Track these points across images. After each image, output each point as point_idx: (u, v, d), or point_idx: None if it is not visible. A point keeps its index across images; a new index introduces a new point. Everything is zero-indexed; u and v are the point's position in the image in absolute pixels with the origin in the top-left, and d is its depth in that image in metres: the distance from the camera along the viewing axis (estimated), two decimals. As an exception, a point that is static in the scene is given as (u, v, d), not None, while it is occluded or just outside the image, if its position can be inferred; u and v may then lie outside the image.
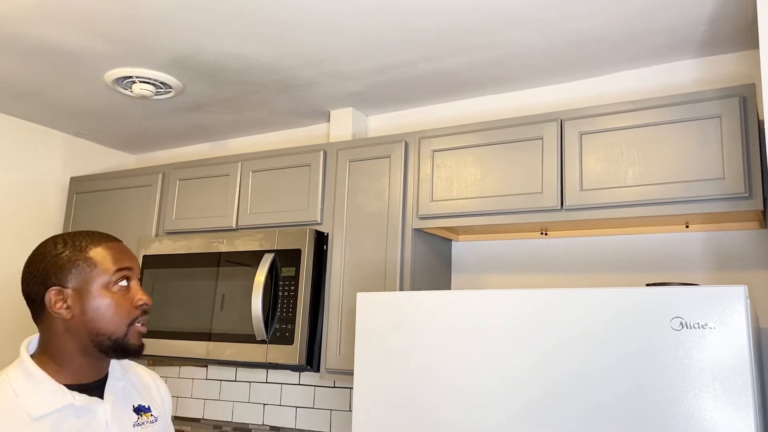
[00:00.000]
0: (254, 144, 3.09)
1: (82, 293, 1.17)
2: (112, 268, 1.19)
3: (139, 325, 1.22)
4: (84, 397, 1.18)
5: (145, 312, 1.23)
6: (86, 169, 3.24)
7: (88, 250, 1.19)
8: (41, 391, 1.14)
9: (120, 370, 1.28)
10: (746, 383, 1.29)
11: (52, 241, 1.22)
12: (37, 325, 1.22)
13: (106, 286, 1.18)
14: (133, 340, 1.21)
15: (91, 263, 1.18)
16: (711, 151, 1.80)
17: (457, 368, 1.59)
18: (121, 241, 1.27)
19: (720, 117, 1.80)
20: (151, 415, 1.32)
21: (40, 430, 1.12)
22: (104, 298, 1.18)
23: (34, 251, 1.22)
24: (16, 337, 2.86)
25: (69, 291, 1.17)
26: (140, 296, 1.22)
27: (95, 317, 1.17)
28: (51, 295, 1.17)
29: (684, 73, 2.18)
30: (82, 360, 1.20)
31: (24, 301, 2.91)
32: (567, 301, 1.49)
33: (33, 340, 1.23)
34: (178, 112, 2.80)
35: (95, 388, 1.22)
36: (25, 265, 1.21)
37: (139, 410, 1.29)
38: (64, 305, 1.17)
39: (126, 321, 1.19)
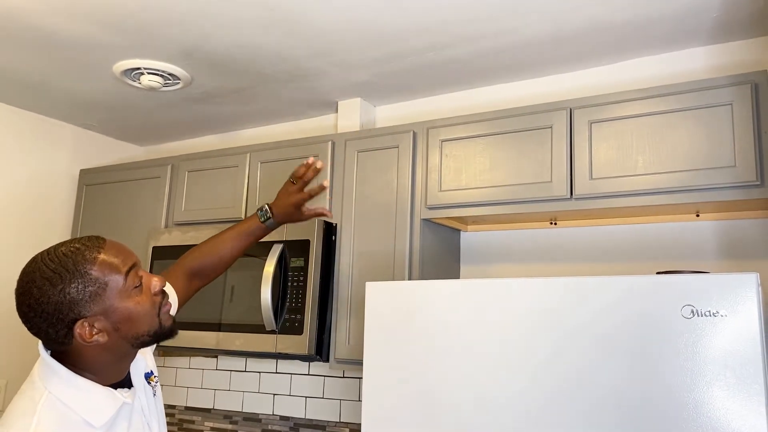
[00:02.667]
0: (263, 135, 3.09)
1: (107, 313, 1.10)
2: (121, 276, 1.12)
3: (167, 307, 1.20)
4: (129, 392, 1.19)
5: (164, 294, 1.20)
6: (95, 161, 3.25)
7: (89, 272, 1.09)
8: (94, 399, 1.11)
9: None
10: (758, 371, 1.28)
11: (41, 276, 1.08)
12: (58, 352, 1.13)
13: (126, 294, 1.12)
14: (167, 324, 1.20)
15: (101, 283, 1.09)
16: (722, 138, 1.78)
17: (466, 357, 1.59)
18: (106, 240, 1.17)
19: (731, 104, 1.78)
20: (154, 376, 1.32)
21: None
22: (129, 306, 1.12)
23: (25, 290, 1.08)
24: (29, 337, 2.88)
25: (94, 317, 1.09)
26: (153, 283, 1.19)
27: (130, 326, 1.13)
28: (79, 330, 1.08)
29: (695, 61, 2.16)
30: (120, 364, 1.18)
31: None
32: (577, 289, 1.48)
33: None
34: (187, 103, 2.81)
35: (126, 379, 1.23)
36: (22, 307, 1.08)
37: (147, 378, 1.29)
38: (96, 332, 1.10)
39: (154, 312, 1.17)
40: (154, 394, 1.29)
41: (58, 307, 1.06)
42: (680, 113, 1.85)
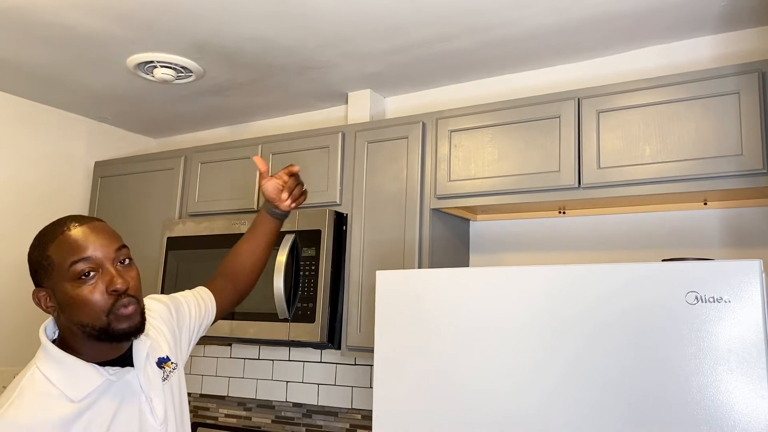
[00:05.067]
0: (274, 127, 3.12)
1: (54, 292, 1.14)
2: (65, 264, 1.12)
3: (122, 310, 1.14)
4: (116, 369, 1.19)
5: (120, 295, 1.14)
6: (110, 154, 3.30)
7: (47, 247, 1.14)
8: (75, 375, 1.14)
9: (143, 334, 1.24)
10: (761, 355, 1.31)
11: (35, 237, 1.18)
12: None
13: (69, 282, 1.13)
14: (119, 325, 1.14)
15: (50, 262, 1.13)
16: (729, 127, 1.80)
17: (476, 343, 1.62)
18: (95, 221, 1.18)
19: (738, 93, 1.79)
20: (171, 362, 1.32)
21: (82, 412, 1.13)
22: (70, 295, 1.12)
23: None
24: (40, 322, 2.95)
25: (47, 290, 1.15)
26: (111, 281, 1.14)
27: (72, 312, 1.14)
28: (36, 296, 1.16)
29: (702, 50, 2.17)
30: (96, 345, 1.17)
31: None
32: (584, 277, 1.51)
33: (48, 324, 1.22)
34: (199, 95, 2.85)
35: (126, 358, 1.23)
36: None
37: (161, 363, 1.30)
38: (49, 303, 1.15)
39: (102, 311, 1.13)
40: (165, 379, 1.28)
41: (30, 267, 1.18)
42: (687, 102, 1.86)
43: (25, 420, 1.08)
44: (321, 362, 2.73)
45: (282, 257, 2.31)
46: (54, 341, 1.19)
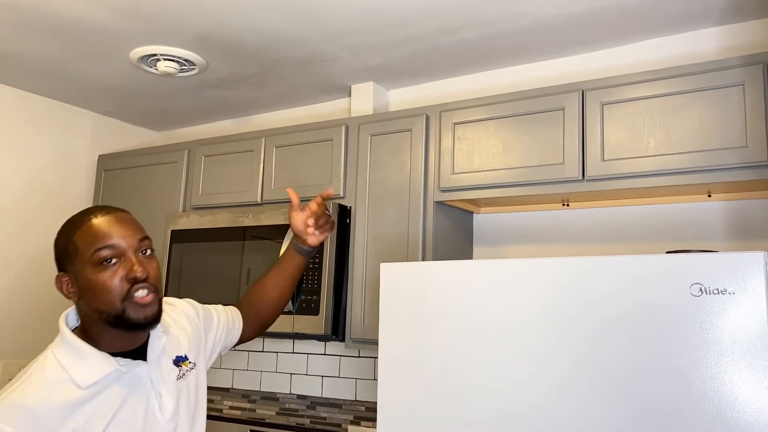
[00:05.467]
0: (277, 120, 3.12)
1: (76, 277, 1.18)
2: (89, 251, 1.17)
3: (138, 296, 1.17)
4: (127, 361, 1.21)
5: (138, 282, 1.18)
6: (113, 147, 3.31)
7: (73, 234, 1.19)
8: (86, 362, 1.17)
9: (161, 327, 1.28)
10: (765, 346, 1.31)
11: (63, 225, 1.23)
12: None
13: (91, 267, 1.17)
14: (133, 314, 1.17)
15: (74, 247, 1.18)
16: (733, 119, 1.79)
17: (479, 335, 1.63)
18: (120, 211, 1.23)
19: (743, 85, 1.79)
20: (189, 362, 1.34)
21: (87, 399, 1.14)
22: (91, 280, 1.16)
23: None
24: (51, 315, 2.96)
25: (70, 275, 1.19)
26: (131, 269, 1.18)
27: (90, 298, 1.17)
28: (58, 280, 1.21)
29: (706, 42, 2.16)
30: (113, 332, 1.20)
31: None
32: (588, 269, 1.51)
33: (69, 313, 1.25)
34: (202, 89, 2.85)
35: (139, 351, 1.25)
36: None
37: (178, 361, 1.31)
38: (71, 288, 1.19)
39: (118, 297, 1.16)
40: (179, 378, 1.30)
41: (56, 253, 1.23)
42: (692, 94, 1.86)
43: (28, 401, 1.11)
44: (325, 354, 2.74)
45: (286, 250, 2.32)
46: (75, 330, 1.23)
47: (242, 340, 1.62)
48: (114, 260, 1.17)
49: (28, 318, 2.90)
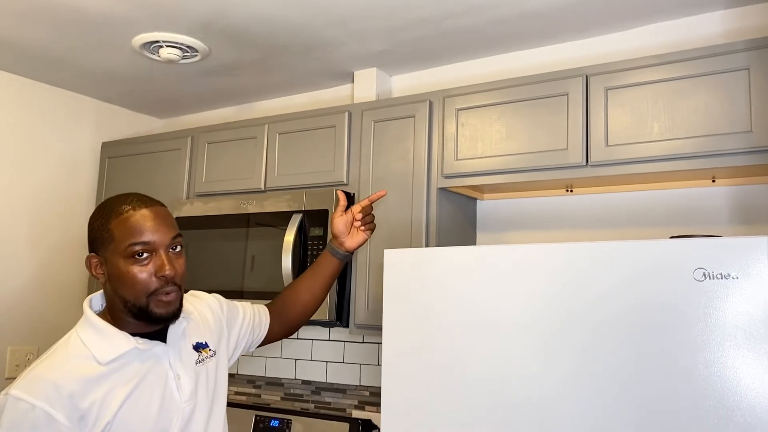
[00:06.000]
0: (280, 106, 3.12)
1: (107, 262, 1.24)
2: (124, 243, 1.22)
3: (163, 296, 1.23)
4: (146, 341, 1.27)
5: (168, 282, 1.23)
6: (117, 134, 3.31)
7: (110, 221, 1.24)
8: (107, 339, 1.24)
9: (182, 314, 1.32)
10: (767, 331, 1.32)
11: (99, 206, 1.29)
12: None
13: (123, 258, 1.22)
14: (156, 309, 1.23)
15: (110, 235, 1.23)
16: (739, 104, 1.78)
17: (483, 321, 1.63)
18: (157, 206, 1.27)
19: (748, 69, 1.78)
20: (210, 349, 1.40)
21: (107, 375, 1.21)
22: (121, 270, 1.22)
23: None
24: (57, 302, 2.98)
25: (101, 258, 1.25)
26: (161, 267, 1.23)
27: (118, 286, 1.23)
28: (89, 260, 1.27)
29: (712, 25, 2.14)
30: (137, 319, 1.26)
31: (64, 264, 3.02)
32: (591, 254, 1.51)
33: (94, 297, 1.32)
34: (205, 75, 2.84)
35: (160, 333, 1.31)
36: None
37: (198, 347, 1.37)
38: (99, 270, 1.26)
39: (144, 292, 1.22)
40: (199, 362, 1.34)
41: (90, 233, 1.28)
42: (696, 79, 1.85)
43: (51, 375, 1.17)
44: (329, 340, 2.76)
45: (290, 237, 2.32)
46: (99, 313, 1.30)
47: (268, 339, 1.67)
48: (146, 255, 1.23)
49: (35, 305, 2.91)
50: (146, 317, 1.24)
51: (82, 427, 1.16)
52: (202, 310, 1.45)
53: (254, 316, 1.62)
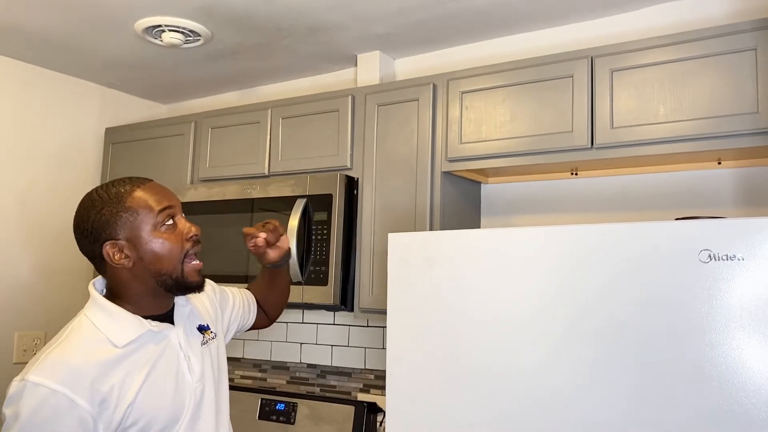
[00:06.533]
0: (283, 91, 3.11)
1: (134, 241, 1.24)
2: (154, 210, 1.25)
3: (194, 261, 1.29)
4: (158, 323, 1.28)
5: (196, 243, 1.29)
6: (120, 120, 3.30)
7: (125, 200, 1.24)
8: (120, 323, 1.24)
9: (184, 297, 1.36)
10: (773, 312, 1.31)
11: (89, 199, 1.26)
12: (102, 275, 1.30)
13: (155, 229, 1.24)
14: (191, 277, 1.28)
15: (133, 211, 1.24)
16: (745, 84, 1.77)
17: (488, 305, 1.63)
18: (153, 181, 1.31)
19: (755, 49, 1.76)
20: (211, 331, 1.42)
21: (124, 357, 1.21)
22: (156, 240, 1.24)
23: (76, 212, 1.27)
24: (63, 288, 2.99)
25: (122, 242, 1.23)
26: (189, 228, 1.29)
27: (153, 259, 1.24)
28: (107, 249, 1.24)
29: (718, 5, 2.12)
30: (151, 299, 1.28)
31: (69, 249, 3.03)
32: (597, 236, 1.51)
33: (97, 281, 1.32)
34: (208, 60, 2.83)
35: (166, 316, 1.32)
36: (73, 227, 1.28)
37: (202, 329, 1.40)
38: (123, 255, 1.24)
39: (179, 256, 1.26)
40: (203, 344, 1.38)
41: (94, 227, 1.23)
42: (702, 60, 1.83)
43: (70, 359, 1.17)
44: (334, 324, 2.77)
45: (294, 221, 2.33)
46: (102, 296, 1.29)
47: (255, 326, 1.72)
48: (171, 221, 1.26)
49: (41, 290, 2.93)
50: (181, 287, 1.27)
51: (103, 410, 1.15)
52: (199, 295, 1.47)
53: (243, 302, 1.65)
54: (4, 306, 2.80)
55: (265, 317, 1.76)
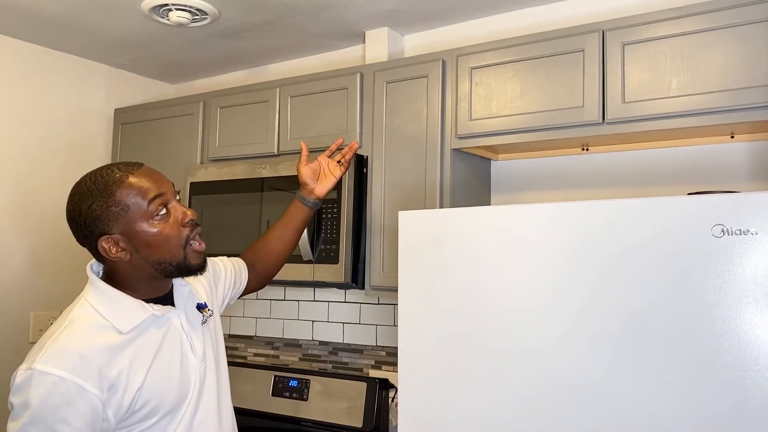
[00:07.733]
0: (291, 69, 3.09)
1: (129, 234, 1.20)
2: (145, 201, 1.20)
3: (195, 244, 1.26)
4: (160, 306, 1.28)
5: (195, 226, 1.26)
6: (129, 100, 3.30)
7: (114, 193, 1.19)
8: (123, 308, 1.22)
9: (181, 278, 1.35)
10: (787, 287, 1.31)
11: (78, 192, 1.22)
12: (100, 263, 1.28)
13: (148, 220, 1.21)
14: (193, 260, 1.26)
15: (123, 205, 1.19)
16: (759, 57, 1.74)
17: (499, 282, 1.64)
18: (143, 165, 1.26)
19: (770, 20, 1.73)
20: (208, 309, 1.41)
21: (129, 342, 1.21)
22: (151, 231, 1.21)
23: (68, 203, 1.24)
24: (74, 268, 3.02)
25: (117, 236, 1.20)
26: (183, 213, 1.25)
27: (151, 250, 1.22)
28: (102, 244, 1.21)
29: (734, -24, 2.08)
30: (150, 283, 1.28)
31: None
32: (609, 212, 1.50)
33: (94, 263, 1.30)
34: (215, 39, 2.82)
35: (166, 298, 1.32)
36: (66, 218, 1.25)
37: (200, 308, 1.39)
38: (119, 249, 1.21)
39: (180, 243, 1.24)
40: (203, 323, 1.37)
41: (87, 222, 1.20)
42: (715, 32, 1.80)
43: (76, 345, 1.16)
44: (345, 302, 2.79)
45: (304, 200, 2.33)
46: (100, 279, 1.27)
47: (247, 290, 1.70)
48: (164, 210, 1.22)
49: (53, 271, 2.96)
50: (185, 271, 1.26)
51: (112, 396, 1.16)
52: (199, 277, 1.47)
53: (234, 271, 1.64)
54: (19, 286, 2.83)
55: (258, 279, 1.73)
